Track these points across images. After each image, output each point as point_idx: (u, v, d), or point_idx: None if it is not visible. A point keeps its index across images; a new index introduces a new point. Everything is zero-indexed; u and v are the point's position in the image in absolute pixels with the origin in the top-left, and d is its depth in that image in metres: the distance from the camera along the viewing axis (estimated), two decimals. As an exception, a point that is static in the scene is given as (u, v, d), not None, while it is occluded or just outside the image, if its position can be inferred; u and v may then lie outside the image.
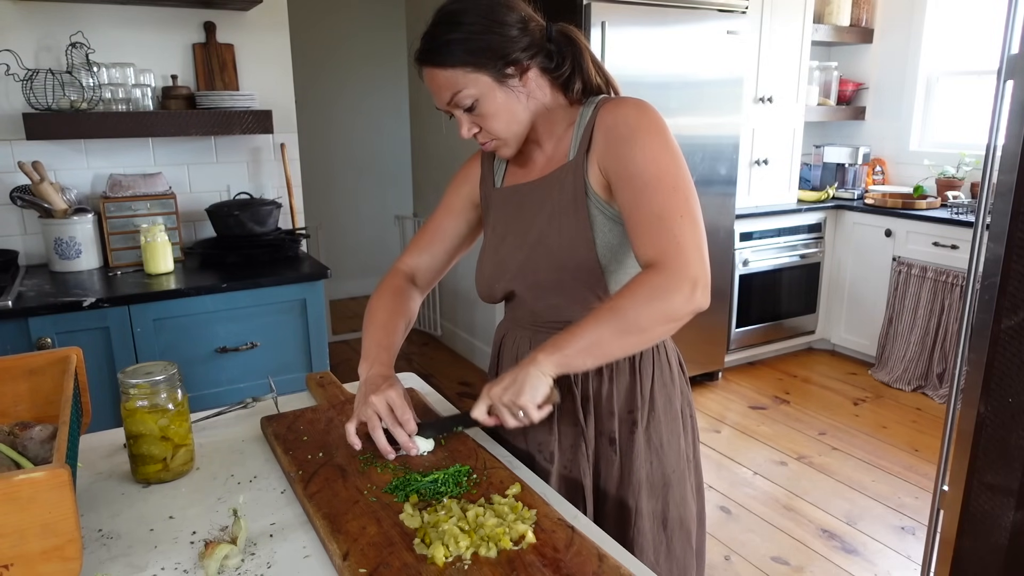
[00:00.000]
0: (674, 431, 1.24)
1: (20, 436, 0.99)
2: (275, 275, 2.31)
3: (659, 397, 1.22)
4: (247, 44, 2.66)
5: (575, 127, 1.17)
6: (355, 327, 4.74)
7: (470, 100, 1.11)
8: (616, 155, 1.09)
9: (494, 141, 1.16)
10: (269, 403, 1.36)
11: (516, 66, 1.10)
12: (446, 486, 1.01)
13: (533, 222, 1.19)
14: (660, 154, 1.06)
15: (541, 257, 1.17)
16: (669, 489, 1.24)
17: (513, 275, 1.22)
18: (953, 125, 4.14)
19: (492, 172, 1.30)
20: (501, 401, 1.04)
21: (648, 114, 1.10)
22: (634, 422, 1.20)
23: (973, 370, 1.57)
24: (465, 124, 1.14)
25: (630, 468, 1.20)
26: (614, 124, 1.10)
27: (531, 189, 1.21)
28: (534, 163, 1.23)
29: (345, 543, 0.88)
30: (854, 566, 2.39)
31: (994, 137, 1.53)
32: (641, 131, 1.08)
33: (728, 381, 3.94)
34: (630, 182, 1.07)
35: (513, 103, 1.12)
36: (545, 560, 0.84)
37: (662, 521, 1.24)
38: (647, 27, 3.18)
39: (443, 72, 1.10)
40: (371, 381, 1.16)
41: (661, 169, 1.05)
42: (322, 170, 5.17)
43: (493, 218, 1.27)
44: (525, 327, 1.26)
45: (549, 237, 1.16)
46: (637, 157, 1.06)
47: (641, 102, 1.12)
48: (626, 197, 1.07)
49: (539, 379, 1.03)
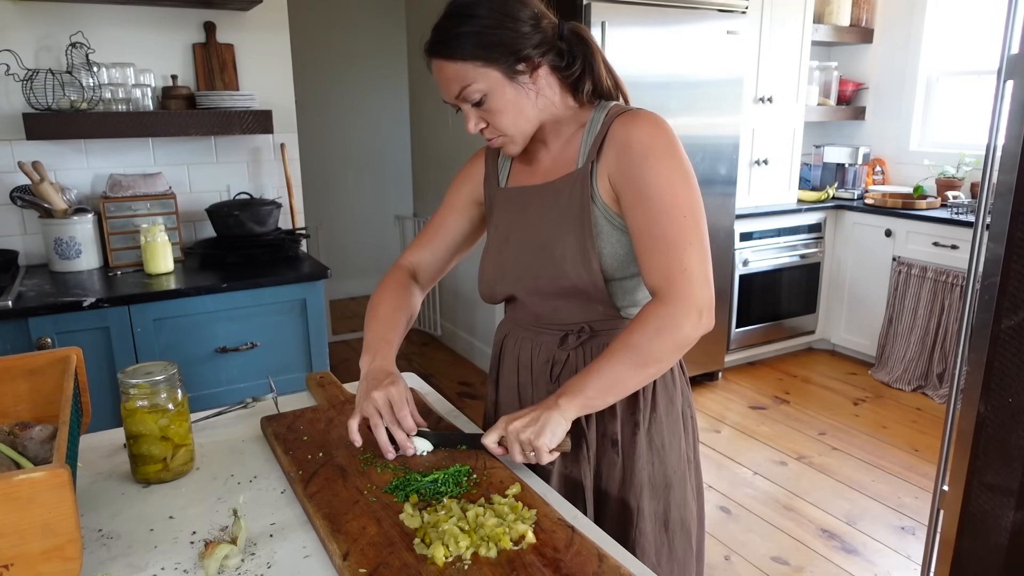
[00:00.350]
0: (675, 432, 1.24)
1: (20, 436, 0.99)
2: (275, 275, 2.31)
3: (661, 398, 1.22)
4: (247, 44, 2.66)
5: (584, 131, 1.16)
6: (355, 327, 4.74)
7: (479, 95, 1.10)
8: (629, 175, 1.08)
9: (501, 137, 1.15)
10: (269, 403, 1.36)
11: (527, 62, 1.10)
12: (446, 486, 1.01)
13: (538, 227, 1.18)
14: (674, 178, 1.07)
15: (544, 264, 1.17)
16: (671, 490, 1.23)
17: (515, 279, 1.21)
18: (953, 125, 4.14)
19: (496, 171, 1.29)
20: (518, 437, 1.05)
21: (664, 133, 1.09)
22: (636, 423, 1.20)
23: (973, 370, 1.57)
24: (472, 119, 1.13)
25: (632, 469, 1.20)
26: (628, 141, 1.09)
27: (537, 193, 1.20)
28: (540, 163, 1.22)
29: (345, 543, 0.88)
30: (854, 566, 2.39)
31: (994, 137, 1.53)
32: (656, 153, 1.07)
33: (728, 381, 3.94)
34: (643, 205, 1.07)
35: (522, 100, 1.12)
36: (545, 560, 0.84)
37: (664, 522, 1.24)
38: (647, 27, 3.18)
39: (452, 65, 1.09)
40: (373, 375, 1.15)
41: (675, 195, 1.06)
42: (322, 170, 5.17)
43: (496, 218, 1.27)
44: (527, 328, 1.26)
45: (553, 245, 1.15)
46: (651, 180, 1.06)
47: (656, 118, 1.11)
48: (637, 218, 1.08)
49: (560, 424, 1.04)
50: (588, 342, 1.19)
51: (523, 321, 1.26)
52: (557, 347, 1.21)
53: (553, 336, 1.22)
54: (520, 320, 1.27)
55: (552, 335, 1.22)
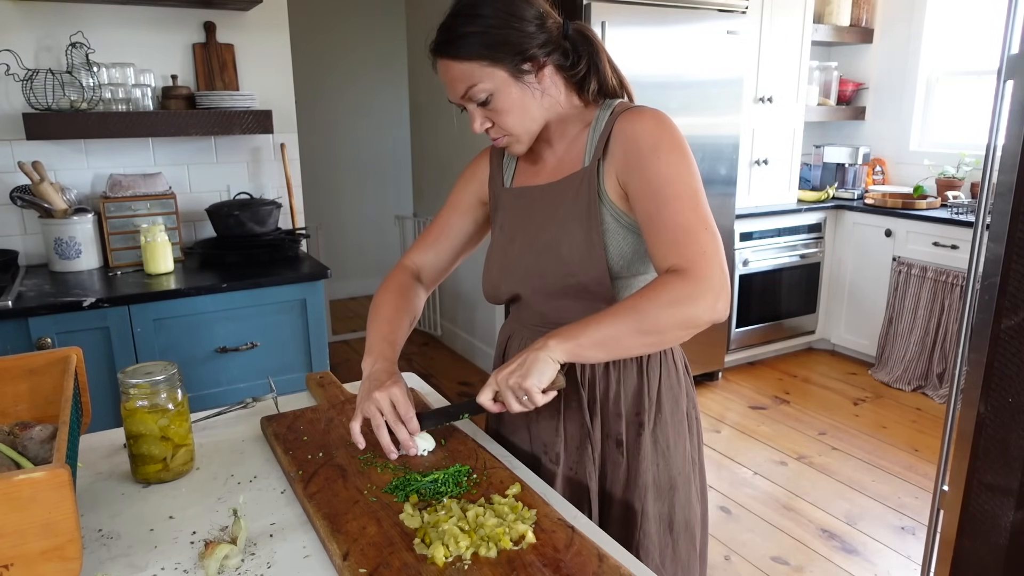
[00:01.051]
0: (680, 433, 1.24)
1: (20, 436, 0.99)
2: (275, 275, 2.31)
3: (666, 399, 1.22)
4: (247, 44, 2.65)
5: (590, 130, 1.17)
6: (355, 327, 4.74)
7: (485, 94, 1.10)
8: (638, 169, 1.08)
9: (506, 137, 1.15)
10: (269, 403, 1.36)
11: (532, 62, 1.10)
12: (446, 486, 1.01)
13: (544, 227, 1.18)
14: (682, 169, 1.07)
15: (550, 263, 1.16)
16: (675, 492, 1.23)
17: (520, 278, 1.21)
18: (953, 125, 4.14)
19: (501, 171, 1.29)
20: (507, 383, 1.03)
21: (668, 128, 1.09)
22: (641, 424, 1.20)
23: (973, 370, 1.57)
24: (478, 118, 1.13)
25: (637, 470, 1.20)
26: (634, 137, 1.09)
27: (542, 192, 1.20)
28: (545, 163, 1.22)
29: (345, 543, 0.88)
30: (854, 566, 2.39)
31: (994, 137, 1.53)
32: (664, 146, 1.08)
33: (728, 381, 3.94)
34: (653, 196, 1.07)
35: (528, 99, 1.12)
36: (545, 560, 0.84)
37: (668, 524, 1.23)
38: (647, 27, 3.18)
39: (459, 64, 1.09)
40: (375, 376, 1.15)
41: (685, 184, 1.06)
42: (322, 170, 5.17)
43: (501, 218, 1.27)
44: (531, 328, 1.25)
45: (560, 244, 1.15)
46: (661, 171, 1.06)
47: (659, 114, 1.11)
48: (648, 209, 1.07)
49: (547, 363, 1.02)
50: None
51: (527, 321, 1.26)
52: None
53: None
54: (524, 320, 1.27)
55: None
